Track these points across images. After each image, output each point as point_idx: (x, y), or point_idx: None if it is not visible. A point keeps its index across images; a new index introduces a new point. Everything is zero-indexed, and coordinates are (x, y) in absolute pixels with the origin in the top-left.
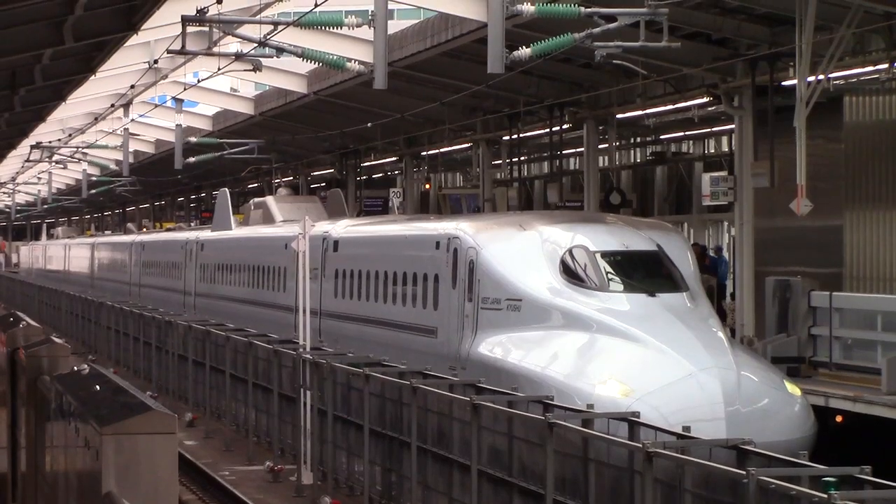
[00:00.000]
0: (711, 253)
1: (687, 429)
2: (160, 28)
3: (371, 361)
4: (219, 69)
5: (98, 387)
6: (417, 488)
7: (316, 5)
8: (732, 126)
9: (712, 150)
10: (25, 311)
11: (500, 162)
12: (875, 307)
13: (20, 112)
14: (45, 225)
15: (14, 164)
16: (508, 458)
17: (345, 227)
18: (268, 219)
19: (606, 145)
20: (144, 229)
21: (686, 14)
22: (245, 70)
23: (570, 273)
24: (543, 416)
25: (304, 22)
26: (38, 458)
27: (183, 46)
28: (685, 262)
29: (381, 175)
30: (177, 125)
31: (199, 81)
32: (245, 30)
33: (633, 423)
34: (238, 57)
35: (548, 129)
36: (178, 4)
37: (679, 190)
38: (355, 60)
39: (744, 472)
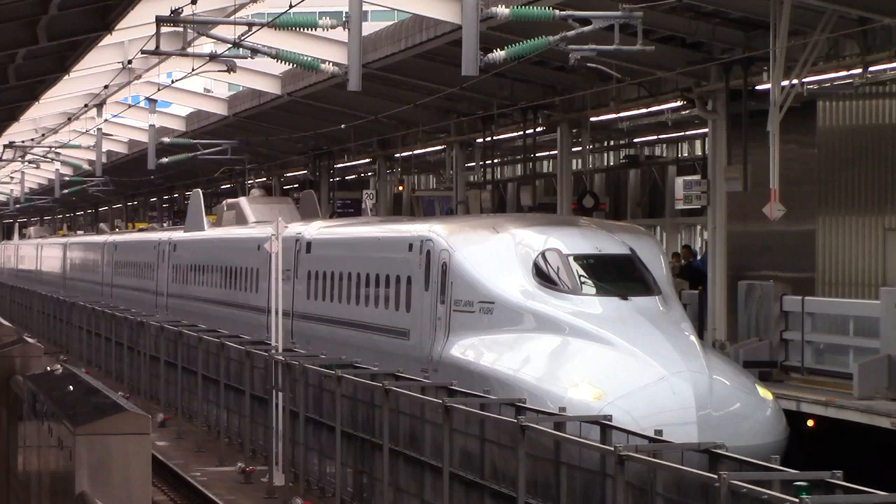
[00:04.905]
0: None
1: (659, 432)
2: (134, 28)
3: (343, 363)
4: (193, 70)
5: (71, 387)
6: (389, 490)
7: (290, 6)
8: (706, 130)
9: (686, 154)
10: None
11: (473, 164)
12: (847, 312)
13: None
14: (17, 224)
15: None
16: (480, 460)
17: (318, 229)
18: (241, 220)
19: (580, 148)
20: (117, 229)
21: (660, 18)
22: (219, 71)
23: (543, 276)
24: (515, 418)
25: (278, 23)
26: (11, 458)
27: (157, 47)
28: (658, 266)
29: (354, 177)
30: (150, 125)
31: (172, 82)
32: (219, 30)
33: (605, 426)
34: (212, 58)
35: (521, 132)
36: (152, 4)
37: (652, 193)
38: (329, 62)
39: (715, 476)
